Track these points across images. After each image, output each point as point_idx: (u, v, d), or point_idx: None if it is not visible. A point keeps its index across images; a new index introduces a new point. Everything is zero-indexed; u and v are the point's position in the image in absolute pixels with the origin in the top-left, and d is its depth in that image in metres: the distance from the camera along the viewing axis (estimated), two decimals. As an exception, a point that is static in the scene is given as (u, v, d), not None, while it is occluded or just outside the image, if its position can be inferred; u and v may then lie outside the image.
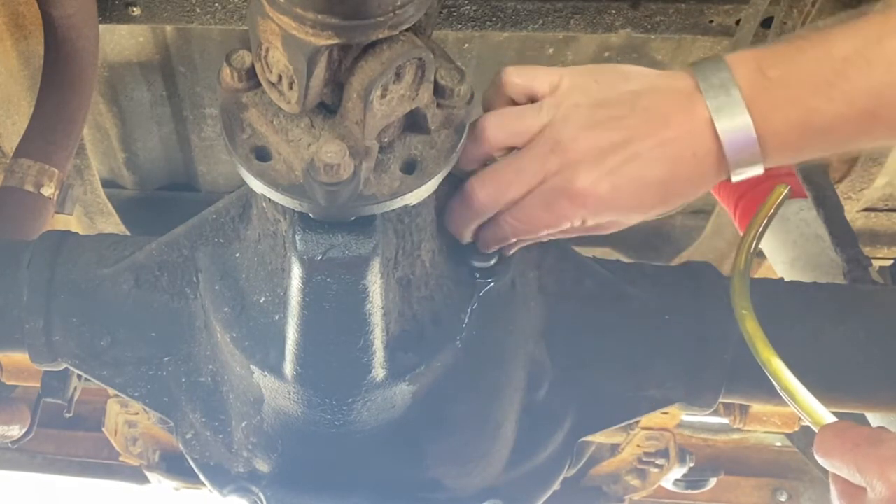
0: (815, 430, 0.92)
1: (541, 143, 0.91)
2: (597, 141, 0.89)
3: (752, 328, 1.03)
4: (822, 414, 0.95)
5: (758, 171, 0.90)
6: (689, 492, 2.28)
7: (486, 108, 0.99)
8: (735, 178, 0.91)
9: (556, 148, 0.90)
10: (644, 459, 2.17)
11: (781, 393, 0.99)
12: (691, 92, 0.89)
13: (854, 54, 0.85)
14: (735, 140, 0.88)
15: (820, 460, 0.88)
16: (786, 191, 1.12)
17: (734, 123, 0.87)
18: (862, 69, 0.85)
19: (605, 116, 0.90)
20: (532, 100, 0.95)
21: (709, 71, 0.89)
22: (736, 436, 2.26)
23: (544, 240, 1.00)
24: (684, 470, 2.15)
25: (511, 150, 0.95)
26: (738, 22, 1.68)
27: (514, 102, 0.97)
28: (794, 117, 0.87)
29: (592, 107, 0.91)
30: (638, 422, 2.01)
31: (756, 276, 1.64)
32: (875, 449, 0.83)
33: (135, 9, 1.70)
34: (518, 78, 0.95)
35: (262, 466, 1.16)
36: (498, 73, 0.97)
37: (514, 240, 0.99)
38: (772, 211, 1.12)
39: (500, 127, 0.93)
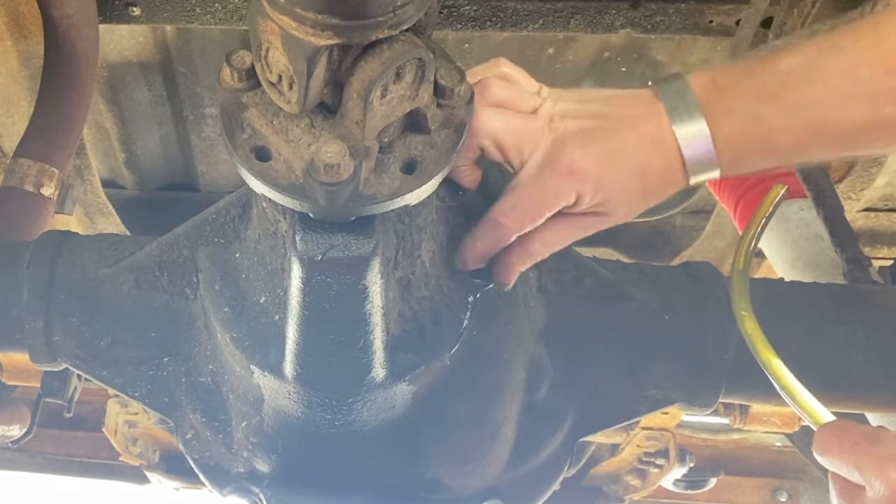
0: (815, 429, 0.92)
1: (538, 117, 0.96)
2: (585, 127, 0.95)
3: (751, 328, 1.03)
4: (821, 413, 0.95)
5: (714, 175, 0.94)
6: (689, 492, 2.28)
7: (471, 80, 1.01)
8: (693, 181, 0.95)
9: (549, 125, 0.95)
10: (644, 459, 2.16)
11: (781, 393, 0.99)
12: (653, 99, 0.95)
13: (796, 68, 0.91)
14: (692, 143, 0.93)
15: (819, 459, 0.88)
16: (783, 190, 1.13)
17: (692, 129, 0.92)
18: (802, 82, 0.90)
19: (589, 110, 0.96)
20: None
21: (666, 83, 0.95)
22: (736, 436, 2.26)
23: (545, 249, 1.01)
24: (684, 470, 2.15)
25: None
26: (738, 22, 1.68)
27: None
28: (741, 124, 0.92)
29: (576, 103, 0.97)
30: (638, 422, 2.01)
31: (756, 276, 1.65)
32: (874, 447, 0.83)
33: (135, 9, 1.70)
34: (509, 69, 1.00)
35: (263, 466, 1.16)
36: (495, 59, 1.02)
37: (514, 236, 1.00)
38: (769, 211, 1.12)
39: (504, 88, 0.97)
